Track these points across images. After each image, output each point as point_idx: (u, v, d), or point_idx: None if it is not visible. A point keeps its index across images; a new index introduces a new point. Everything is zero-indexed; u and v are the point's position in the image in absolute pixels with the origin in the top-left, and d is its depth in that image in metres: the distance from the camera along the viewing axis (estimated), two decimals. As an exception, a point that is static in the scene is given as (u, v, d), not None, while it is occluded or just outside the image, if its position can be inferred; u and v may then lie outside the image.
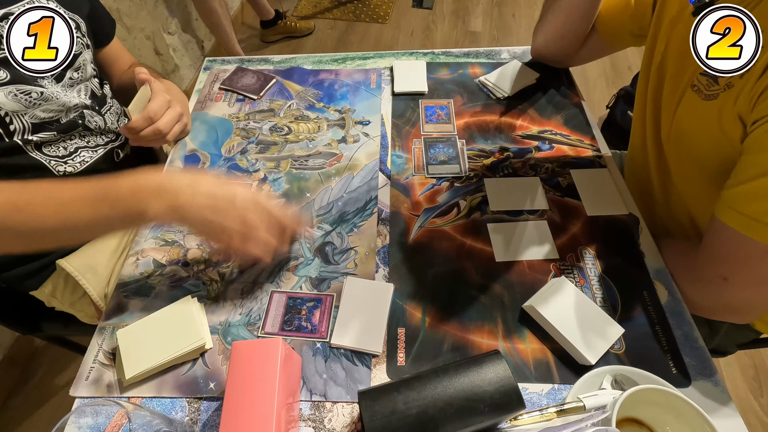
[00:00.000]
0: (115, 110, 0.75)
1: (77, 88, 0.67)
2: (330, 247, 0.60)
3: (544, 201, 0.64)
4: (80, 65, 0.67)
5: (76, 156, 0.68)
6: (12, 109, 0.58)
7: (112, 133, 0.74)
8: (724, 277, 0.51)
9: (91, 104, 0.68)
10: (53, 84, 0.63)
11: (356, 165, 0.70)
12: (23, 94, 0.58)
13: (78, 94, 0.67)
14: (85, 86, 0.68)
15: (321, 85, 0.83)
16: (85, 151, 0.69)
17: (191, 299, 0.54)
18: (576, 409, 0.42)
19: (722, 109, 0.49)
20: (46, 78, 0.62)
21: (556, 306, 0.51)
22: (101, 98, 0.72)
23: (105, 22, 0.77)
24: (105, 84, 0.73)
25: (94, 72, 0.71)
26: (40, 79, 0.61)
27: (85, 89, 0.68)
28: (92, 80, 0.70)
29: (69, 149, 0.67)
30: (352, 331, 0.52)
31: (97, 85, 0.71)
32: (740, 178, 0.48)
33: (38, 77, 0.60)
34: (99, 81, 0.72)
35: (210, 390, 0.49)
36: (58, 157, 0.66)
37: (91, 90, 0.69)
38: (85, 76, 0.68)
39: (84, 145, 0.69)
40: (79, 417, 0.47)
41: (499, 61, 0.86)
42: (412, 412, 0.39)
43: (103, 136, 0.72)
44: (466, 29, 2.35)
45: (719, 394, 0.47)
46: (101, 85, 0.73)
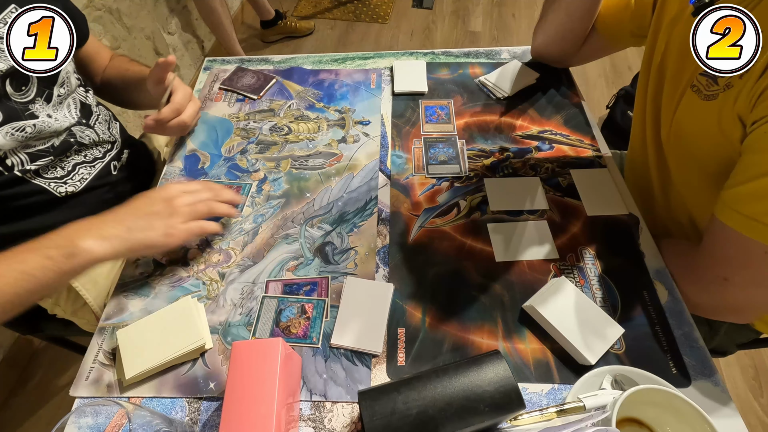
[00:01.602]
0: (104, 118, 0.73)
1: (66, 104, 0.65)
2: (330, 247, 0.60)
3: (544, 201, 0.64)
4: (64, 79, 0.64)
5: (74, 174, 0.67)
6: (9, 147, 0.57)
7: (107, 143, 0.72)
8: (724, 278, 0.51)
9: (78, 119, 0.66)
10: (44, 106, 0.61)
11: (356, 165, 0.70)
12: (18, 131, 0.57)
13: (68, 110, 0.65)
14: (73, 99, 0.66)
15: (321, 85, 0.83)
16: (83, 167, 0.68)
17: (191, 299, 0.54)
18: (576, 409, 0.42)
19: (722, 109, 0.49)
20: (37, 102, 0.60)
21: (556, 306, 0.51)
22: (88, 108, 0.69)
23: (80, 21, 0.72)
24: (89, 90, 0.71)
25: (78, 81, 0.68)
26: (31, 104, 0.59)
27: (73, 102, 0.66)
28: (78, 90, 0.68)
29: (67, 168, 0.66)
30: (352, 331, 0.52)
31: (83, 95, 0.69)
32: (740, 179, 0.48)
33: (29, 103, 0.58)
34: (84, 90, 0.69)
35: (210, 390, 0.49)
36: (57, 179, 0.65)
37: (79, 101, 0.67)
38: (71, 88, 0.65)
39: (81, 161, 0.68)
40: (79, 417, 0.47)
41: (499, 61, 0.86)
42: (412, 412, 0.39)
43: (99, 147, 0.71)
44: (466, 29, 2.35)
45: (719, 394, 0.47)
46: (86, 94, 0.70)
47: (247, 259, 0.60)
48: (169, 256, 0.60)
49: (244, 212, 0.65)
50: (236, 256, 0.60)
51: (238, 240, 0.62)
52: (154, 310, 0.53)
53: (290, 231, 0.62)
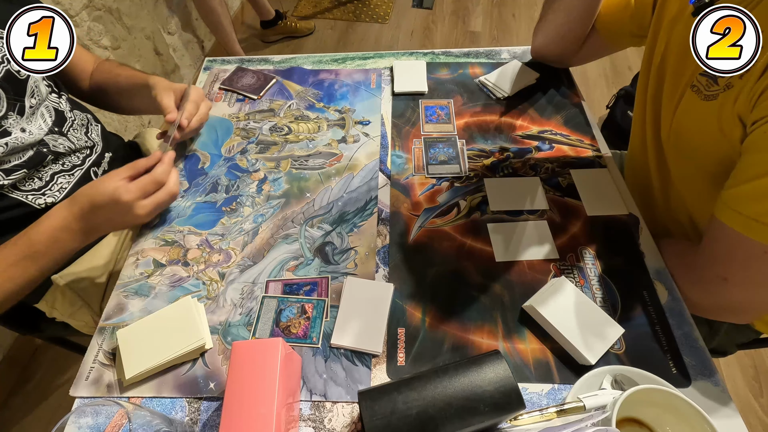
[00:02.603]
0: (80, 122, 0.70)
1: (39, 113, 0.63)
2: (330, 247, 0.60)
3: (544, 201, 0.64)
4: (33, 89, 0.62)
5: (53, 185, 0.65)
6: None
7: (85, 149, 0.70)
8: (723, 278, 0.51)
9: (50, 128, 0.64)
10: (18, 120, 0.60)
11: (356, 165, 0.70)
12: None
13: (42, 119, 0.63)
14: (46, 107, 0.64)
15: (321, 85, 0.83)
16: (62, 176, 0.66)
17: (191, 299, 0.54)
18: (576, 409, 0.42)
19: (722, 109, 0.49)
20: (10, 117, 0.59)
21: (556, 306, 0.51)
22: (61, 115, 0.67)
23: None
24: (63, 95, 0.68)
25: (49, 88, 0.66)
26: (3, 120, 0.58)
27: (47, 111, 0.64)
28: (50, 97, 0.66)
29: (45, 179, 0.64)
30: (352, 331, 0.52)
31: (56, 101, 0.67)
32: (740, 179, 0.48)
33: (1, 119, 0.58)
34: (57, 96, 0.67)
35: (210, 390, 0.49)
36: (35, 190, 0.63)
37: (52, 108, 0.66)
38: (41, 97, 0.63)
39: (59, 169, 0.66)
40: (79, 417, 0.47)
41: (499, 61, 0.86)
42: (412, 412, 0.39)
43: (77, 153, 0.69)
44: (466, 29, 2.35)
45: (719, 394, 0.47)
46: (59, 99, 0.68)
47: (247, 259, 0.60)
48: (169, 256, 0.60)
49: (244, 212, 0.65)
50: (236, 256, 0.60)
51: (238, 240, 0.62)
52: (154, 310, 0.53)
53: (290, 231, 0.62)
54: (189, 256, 0.60)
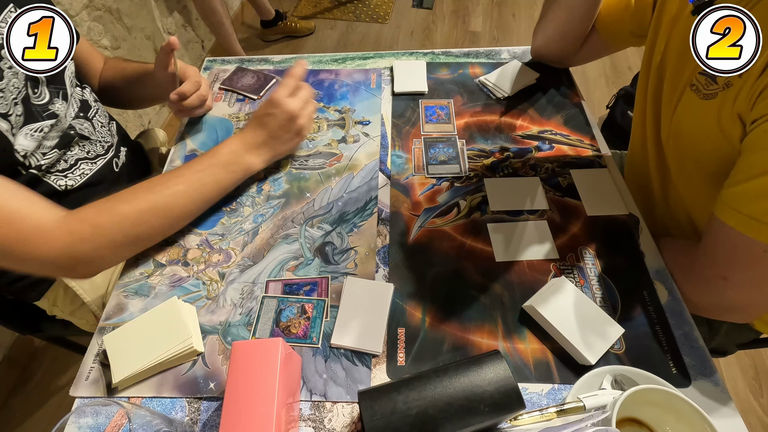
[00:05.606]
0: (102, 112, 0.74)
1: (71, 101, 0.66)
2: (330, 247, 0.60)
3: (544, 201, 0.64)
4: (71, 78, 0.66)
5: (75, 169, 0.67)
6: (31, 149, 0.59)
7: (107, 140, 0.73)
8: (723, 277, 0.51)
9: (77, 112, 0.67)
10: (63, 105, 0.63)
11: (356, 165, 0.70)
12: (37, 132, 0.60)
13: (72, 108, 0.66)
14: (73, 96, 0.68)
15: (321, 85, 0.83)
16: (85, 163, 0.69)
17: (177, 300, 0.53)
18: (576, 409, 0.42)
19: (721, 108, 0.49)
20: (56, 102, 0.63)
21: (556, 306, 0.51)
22: (86, 103, 0.70)
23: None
24: (86, 87, 0.72)
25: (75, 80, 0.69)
26: (50, 104, 0.62)
27: (74, 100, 0.68)
28: (76, 89, 0.69)
29: (69, 161, 0.66)
30: (352, 331, 0.52)
31: (80, 92, 0.70)
32: (739, 178, 0.48)
33: (48, 104, 0.61)
34: (80, 88, 0.71)
35: (210, 390, 0.49)
36: (59, 171, 0.65)
37: (78, 99, 0.69)
38: (72, 85, 0.67)
39: (84, 157, 0.68)
40: (79, 417, 0.47)
41: (499, 61, 0.86)
42: (412, 412, 0.39)
43: (100, 143, 0.71)
44: (466, 29, 2.35)
45: (719, 394, 0.47)
46: (83, 91, 0.71)
47: (247, 259, 0.60)
48: (169, 256, 0.60)
49: (244, 212, 0.65)
50: (236, 256, 0.60)
51: (238, 240, 0.62)
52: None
53: (290, 231, 0.62)
54: (189, 256, 0.60)
